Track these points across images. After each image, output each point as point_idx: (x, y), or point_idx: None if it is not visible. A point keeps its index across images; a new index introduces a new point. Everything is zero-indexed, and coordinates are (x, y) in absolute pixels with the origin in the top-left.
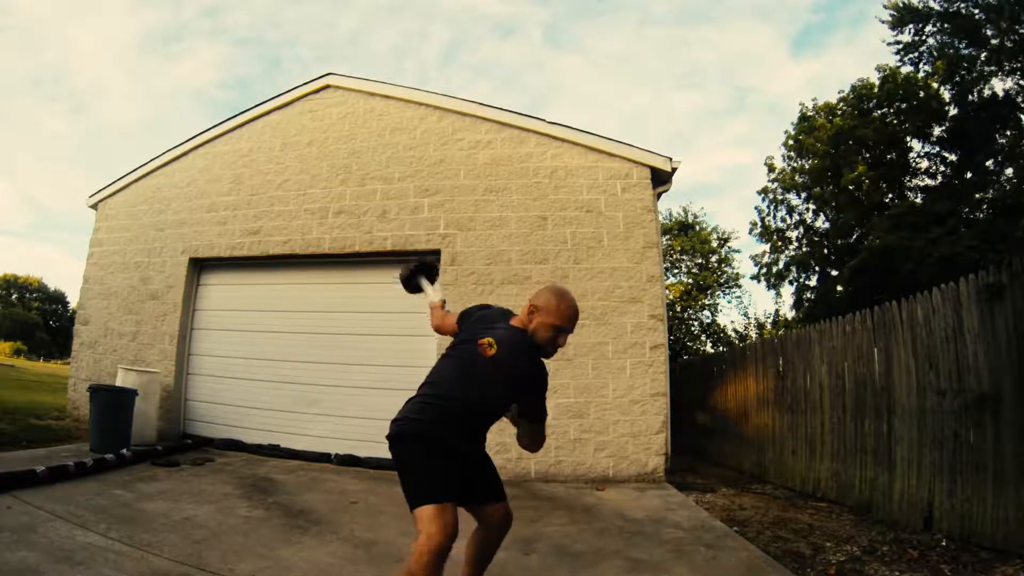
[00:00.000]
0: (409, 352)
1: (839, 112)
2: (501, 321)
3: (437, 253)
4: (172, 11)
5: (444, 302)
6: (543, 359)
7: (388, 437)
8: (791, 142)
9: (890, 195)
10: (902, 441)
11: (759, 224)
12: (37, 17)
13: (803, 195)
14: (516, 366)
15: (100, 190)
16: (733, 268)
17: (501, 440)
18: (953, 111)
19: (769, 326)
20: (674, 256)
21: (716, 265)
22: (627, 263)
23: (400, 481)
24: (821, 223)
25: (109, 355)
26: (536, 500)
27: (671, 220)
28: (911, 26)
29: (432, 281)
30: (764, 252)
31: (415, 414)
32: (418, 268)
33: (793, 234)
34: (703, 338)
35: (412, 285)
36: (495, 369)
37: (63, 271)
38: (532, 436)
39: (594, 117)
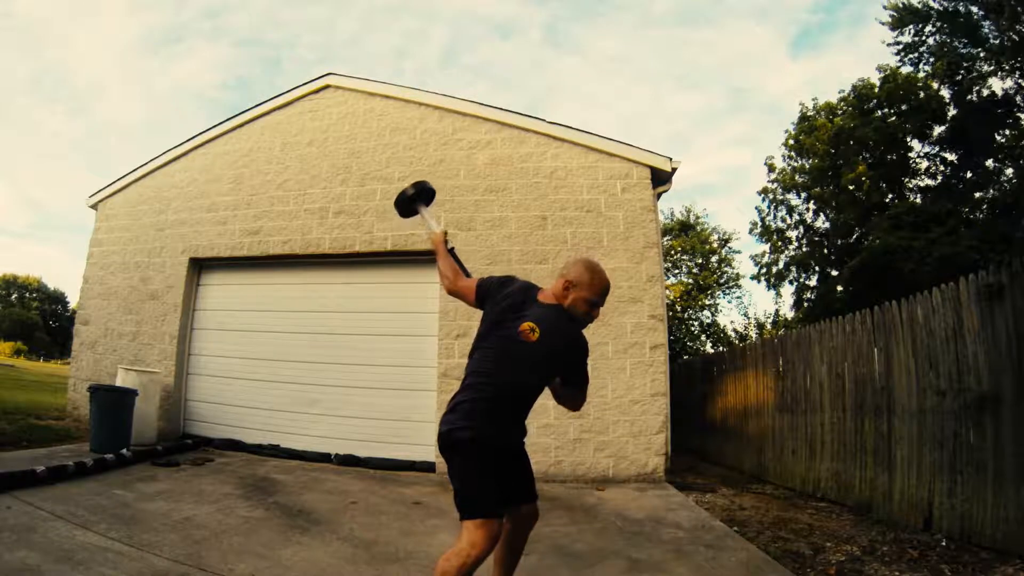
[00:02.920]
0: (409, 352)
1: (840, 112)
2: (531, 299)
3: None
4: (172, 11)
5: (447, 235)
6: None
7: (443, 442)
8: (791, 142)
9: (890, 195)
10: (902, 441)
11: (759, 224)
12: (37, 17)
13: (803, 195)
14: (562, 343)
15: (100, 190)
16: (733, 268)
17: None
18: (953, 111)
19: (769, 326)
20: (674, 256)
21: (716, 265)
22: (627, 263)
23: (452, 487)
24: (821, 223)
25: (109, 355)
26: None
27: (672, 220)
28: (911, 26)
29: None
30: (764, 252)
31: (467, 419)
32: (418, 194)
33: (793, 234)
34: (703, 338)
35: (408, 210)
36: (540, 351)
37: (63, 271)
38: (575, 398)
39: (594, 117)
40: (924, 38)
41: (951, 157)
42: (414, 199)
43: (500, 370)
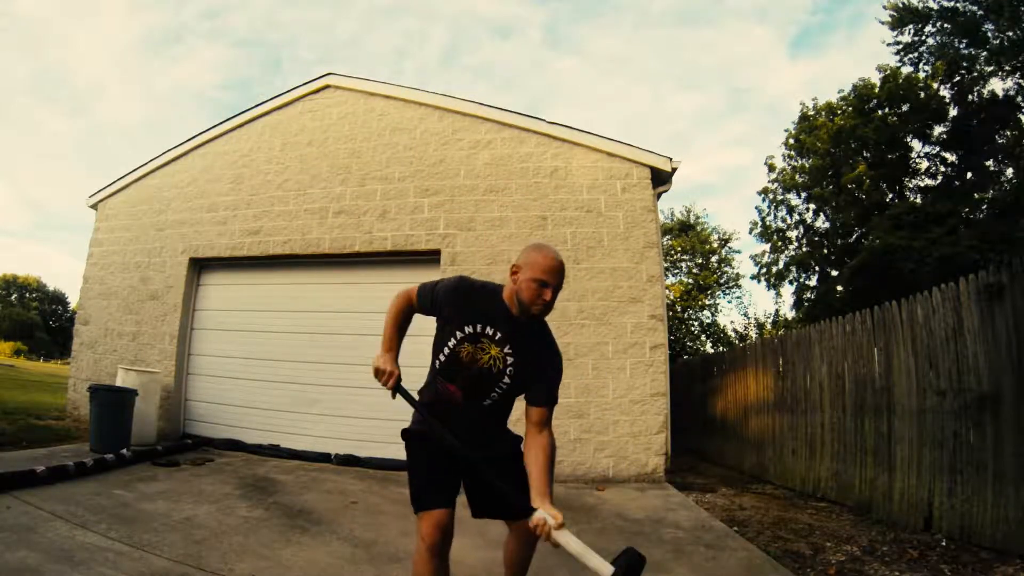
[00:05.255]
0: (409, 352)
1: (840, 112)
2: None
3: (437, 253)
4: (172, 12)
5: None
6: (542, 326)
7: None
8: (791, 141)
9: (890, 195)
10: (902, 441)
11: (759, 224)
12: (37, 17)
13: (803, 195)
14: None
15: (100, 190)
16: (733, 268)
17: None
18: (953, 111)
19: (769, 326)
20: (674, 256)
21: (716, 265)
22: (627, 263)
23: None
24: (821, 223)
25: (109, 355)
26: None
27: (672, 220)
28: (911, 26)
29: None
30: (764, 252)
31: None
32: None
33: (793, 234)
34: (703, 338)
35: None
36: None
37: (63, 271)
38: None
39: (594, 117)
40: (924, 38)
41: (951, 157)
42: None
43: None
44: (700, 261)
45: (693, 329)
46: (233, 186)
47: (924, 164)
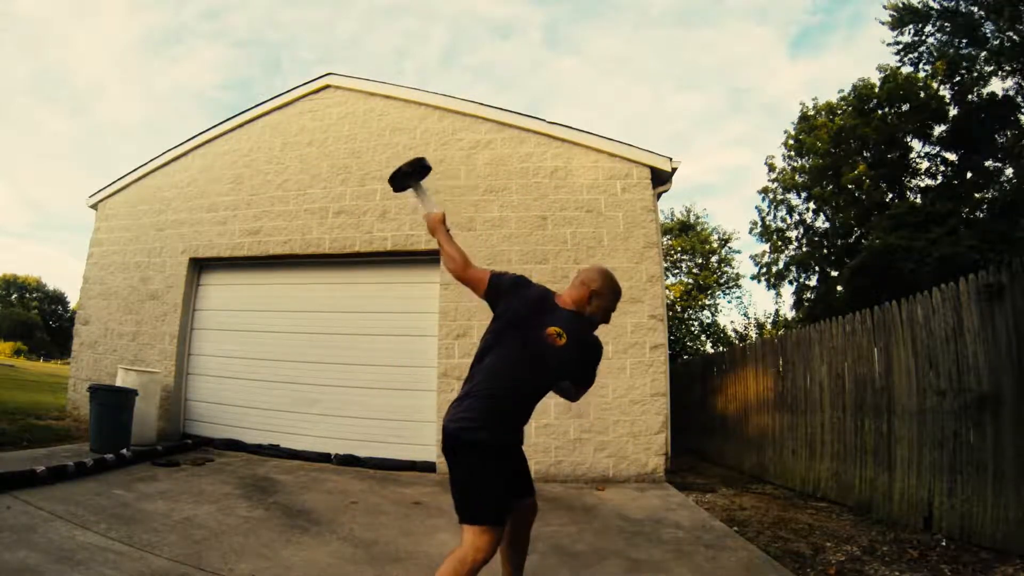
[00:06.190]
0: (409, 352)
1: (840, 112)
2: (550, 305)
3: (437, 253)
4: (172, 12)
5: (445, 217)
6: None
7: (452, 442)
8: (791, 141)
9: (890, 195)
10: (902, 441)
11: (759, 224)
12: (37, 17)
13: (803, 195)
14: (587, 348)
15: (100, 190)
16: (733, 268)
17: None
18: (953, 111)
19: (769, 326)
20: (674, 256)
21: (716, 265)
22: (627, 263)
23: (453, 487)
24: (821, 223)
25: (109, 355)
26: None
27: (672, 220)
28: (911, 26)
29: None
30: (764, 252)
31: (481, 420)
32: (414, 170)
33: (793, 234)
34: (703, 338)
35: (402, 185)
36: (566, 356)
37: (63, 271)
38: (576, 394)
39: (594, 117)
40: (924, 38)
41: (951, 157)
42: (408, 174)
43: (519, 372)
44: (700, 261)
45: (693, 329)
46: (233, 186)
47: (924, 164)
